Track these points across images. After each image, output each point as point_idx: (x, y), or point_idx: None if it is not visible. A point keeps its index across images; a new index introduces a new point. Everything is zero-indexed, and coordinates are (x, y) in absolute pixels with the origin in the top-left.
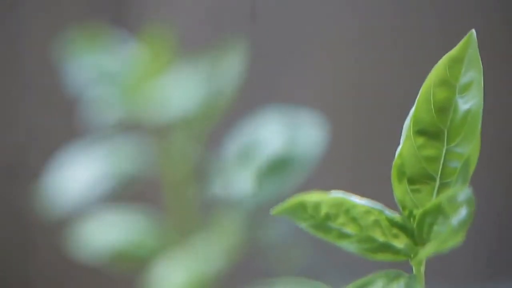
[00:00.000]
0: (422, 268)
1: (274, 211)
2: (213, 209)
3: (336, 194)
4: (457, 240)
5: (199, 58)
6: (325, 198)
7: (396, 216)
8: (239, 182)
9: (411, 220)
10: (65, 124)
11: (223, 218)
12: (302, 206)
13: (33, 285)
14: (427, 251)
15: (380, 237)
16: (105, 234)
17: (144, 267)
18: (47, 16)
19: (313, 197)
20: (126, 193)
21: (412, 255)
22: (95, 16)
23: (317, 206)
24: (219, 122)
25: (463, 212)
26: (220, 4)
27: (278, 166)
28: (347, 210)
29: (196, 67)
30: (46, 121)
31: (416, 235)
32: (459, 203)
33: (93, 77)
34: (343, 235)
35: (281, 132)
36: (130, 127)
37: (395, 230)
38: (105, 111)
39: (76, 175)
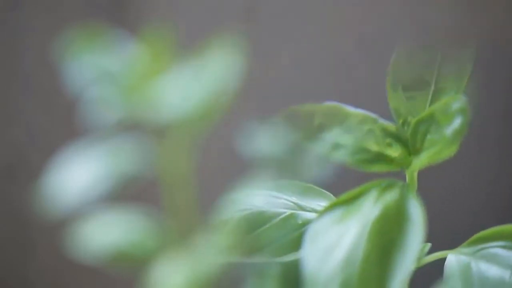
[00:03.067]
0: (415, 177)
1: (269, 121)
2: (213, 209)
3: (330, 104)
4: (451, 150)
5: (198, 57)
6: (319, 108)
7: (390, 125)
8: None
9: (406, 129)
10: (65, 124)
11: (223, 218)
12: (295, 117)
13: (32, 285)
14: (421, 161)
15: (374, 147)
16: (105, 234)
17: (144, 267)
18: (47, 16)
19: (307, 107)
20: (126, 193)
21: (406, 165)
22: (95, 16)
23: (310, 116)
24: (219, 122)
25: (456, 121)
26: (220, 4)
27: None
28: (341, 120)
29: (195, 67)
30: (46, 121)
31: (410, 144)
32: (453, 112)
33: (93, 77)
34: (337, 146)
35: None
36: (130, 127)
37: (389, 140)
38: (105, 111)
39: (76, 175)
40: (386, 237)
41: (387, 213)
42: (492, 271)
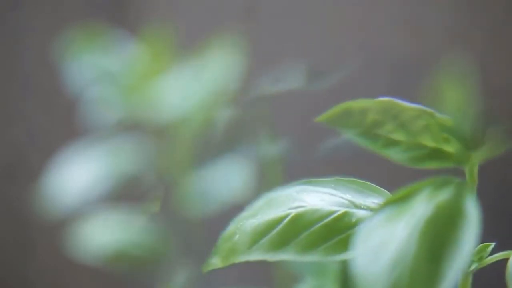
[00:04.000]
0: (475, 174)
1: (318, 119)
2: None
3: (384, 99)
4: (508, 143)
5: (198, 57)
6: (373, 104)
7: (447, 119)
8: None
9: (464, 123)
10: (65, 124)
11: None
12: (348, 113)
13: (32, 285)
14: (480, 154)
15: (430, 143)
16: (105, 234)
17: (144, 267)
18: (47, 16)
19: (359, 103)
20: (126, 193)
21: (464, 160)
22: (95, 16)
23: (363, 112)
24: (219, 122)
25: None
26: (220, 4)
27: None
28: (395, 116)
29: (195, 67)
30: (46, 121)
31: (469, 138)
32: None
33: (93, 77)
34: (390, 143)
35: None
36: (130, 127)
37: (446, 135)
38: (105, 111)
39: (76, 175)
40: (438, 236)
41: (440, 212)
42: None
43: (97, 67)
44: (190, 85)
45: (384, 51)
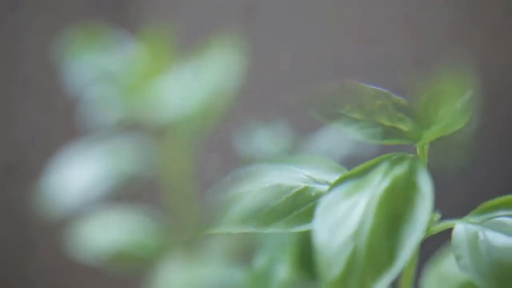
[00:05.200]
0: (426, 150)
1: (292, 99)
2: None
3: (345, 81)
4: (461, 123)
5: (198, 57)
6: (335, 86)
7: (401, 100)
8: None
9: (417, 104)
10: (65, 124)
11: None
12: (316, 95)
13: (32, 285)
14: (431, 133)
15: (386, 122)
16: (105, 234)
17: (144, 267)
18: (47, 16)
19: (325, 86)
20: (126, 193)
21: (416, 138)
22: (95, 16)
23: (328, 94)
24: (219, 121)
25: (466, 94)
26: (220, 4)
27: None
28: (355, 96)
29: (195, 67)
30: (46, 121)
31: (421, 118)
32: (462, 86)
33: (93, 77)
34: (350, 121)
35: None
36: (130, 127)
37: (400, 114)
38: (105, 111)
39: (76, 175)
40: (395, 208)
41: (396, 185)
42: (499, 239)
43: (97, 67)
44: (190, 85)
45: (384, 51)
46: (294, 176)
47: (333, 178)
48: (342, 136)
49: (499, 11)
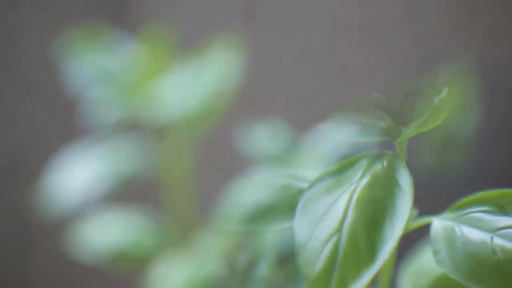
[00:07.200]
0: (404, 147)
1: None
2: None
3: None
4: (438, 120)
5: (198, 57)
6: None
7: (380, 98)
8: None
9: (395, 101)
10: (65, 124)
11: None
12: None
13: (32, 285)
14: (409, 131)
15: (365, 119)
16: (105, 234)
17: (144, 267)
18: (47, 16)
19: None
20: (126, 193)
21: (395, 135)
22: (95, 16)
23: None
24: (219, 122)
25: (443, 90)
26: (220, 4)
27: None
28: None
29: (195, 67)
30: (46, 121)
31: (399, 115)
32: (439, 82)
33: (93, 77)
34: (332, 120)
35: None
36: (130, 127)
37: (379, 112)
38: (105, 111)
39: (76, 175)
40: (374, 205)
41: (375, 181)
42: (475, 234)
43: (97, 67)
44: (190, 85)
45: (384, 51)
46: (277, 174)
47: (313, 175)
48: (340, 135)
49: (499, 11)
